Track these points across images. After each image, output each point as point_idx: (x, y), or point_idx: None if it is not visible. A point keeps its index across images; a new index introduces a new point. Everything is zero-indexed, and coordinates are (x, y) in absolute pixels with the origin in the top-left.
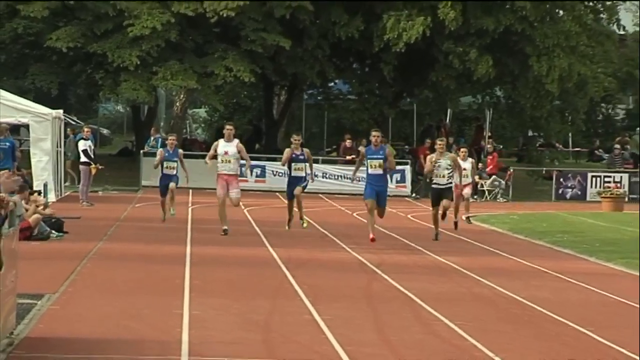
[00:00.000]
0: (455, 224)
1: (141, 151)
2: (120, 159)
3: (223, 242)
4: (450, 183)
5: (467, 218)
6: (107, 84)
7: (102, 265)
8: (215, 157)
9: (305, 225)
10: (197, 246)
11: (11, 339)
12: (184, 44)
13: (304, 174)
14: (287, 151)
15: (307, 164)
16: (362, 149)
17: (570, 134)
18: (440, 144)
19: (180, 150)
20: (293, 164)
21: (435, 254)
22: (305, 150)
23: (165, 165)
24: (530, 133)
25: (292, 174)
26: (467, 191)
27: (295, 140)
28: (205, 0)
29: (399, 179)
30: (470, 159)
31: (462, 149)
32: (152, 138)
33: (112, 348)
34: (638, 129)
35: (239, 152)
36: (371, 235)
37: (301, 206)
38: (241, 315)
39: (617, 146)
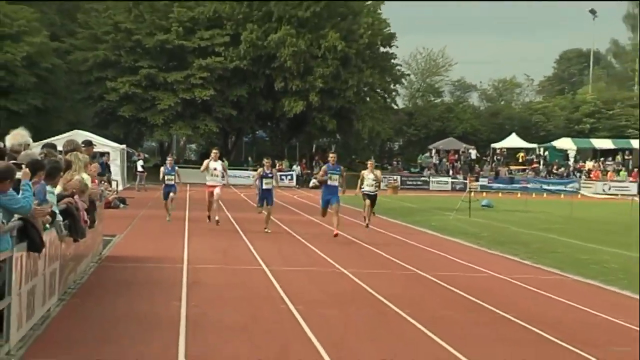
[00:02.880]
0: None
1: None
2: (154, 169)
3: (205, 210)
4: (377, 190)
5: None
6: (147, 133)
7: (144, 221)
8: (207, 169)
9: (268, 231)
10: (192, 212)
11: (100, 257)
12: (184, 113)
13: (271, 187)
14: (259, 170)
15: (274, 179)
16: (324, 166)
17: (372, 157)
18: (370, 163)
19: (177, 167)
20: (264, 179)
21: (309, 215)
22: (274, 170)
23: (166, 178)
24: (353, 156)
25: (263, 187)
26: None
27: (266, 162)
28: (195, 89)
29: (290, 177)
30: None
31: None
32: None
33: (149, 259)
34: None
35: (223, 169)
36: (335, 232)
37: (269, 217)
38: (212, 245)
39: (395, 162)
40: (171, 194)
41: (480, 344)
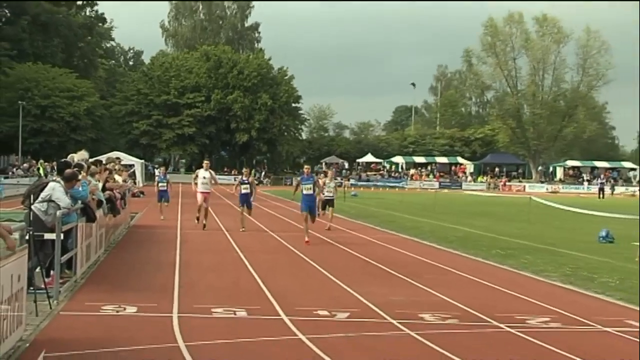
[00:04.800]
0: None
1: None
2: None
3: (192, 200)
4: (333, 196)
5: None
6: (156, 153)
7: (155, 205)
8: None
9: (242, 229)
10: (183, 199)
11: (129, 225)
12: (178, 141)
13: (248, 192)
14: (239, 178)
15: (250, 186)
16: (299, 178)
17: (332, 169)
18: (331, 172)
19: (168, 176)
20: (242, 185)
21: (254, 202)
22: (251, 178)
23: (160, 185)
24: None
25: (242, 192)
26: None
27: (245, 171)
28: (184, 128)
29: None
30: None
31: (328, 173)
32: (167, 169)
33: (157, 227)
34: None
35: (212, 177)
36: (306, 239)
37: (247, 217)
38: (194, 219)
39: (300, 171)
40: (165, 204)
41: (355, 277)
